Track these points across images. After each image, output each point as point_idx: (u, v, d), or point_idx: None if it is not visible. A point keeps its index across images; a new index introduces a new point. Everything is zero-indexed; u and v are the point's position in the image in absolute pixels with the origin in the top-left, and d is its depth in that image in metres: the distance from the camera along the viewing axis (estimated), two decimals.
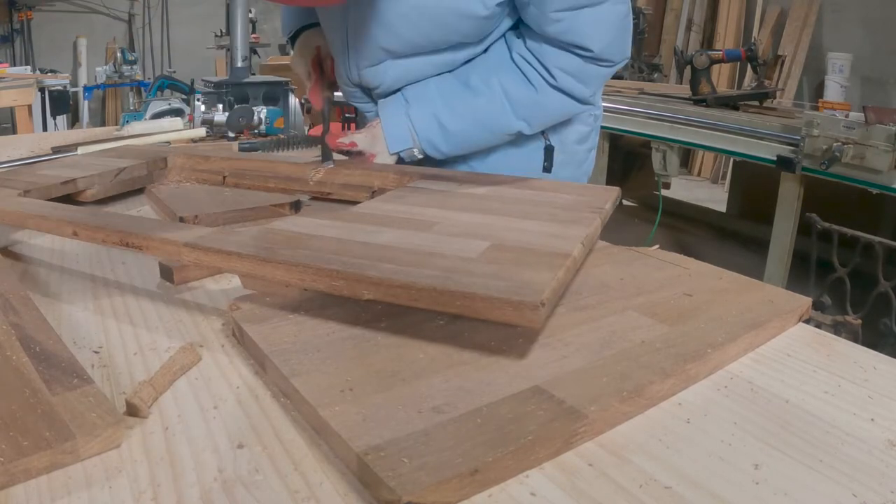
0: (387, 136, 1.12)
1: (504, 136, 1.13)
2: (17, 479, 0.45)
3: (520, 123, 1.10)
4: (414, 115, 1.10)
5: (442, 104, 1.10)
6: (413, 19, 1.03)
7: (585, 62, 1.05)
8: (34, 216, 0.83)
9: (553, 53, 1.05)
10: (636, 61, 4.39)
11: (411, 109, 1.10)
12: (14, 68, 5.12)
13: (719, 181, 5.66)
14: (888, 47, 4.80)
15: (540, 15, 1.02)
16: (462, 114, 1.09)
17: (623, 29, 1.07)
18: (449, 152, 1.13)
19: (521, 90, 1.08)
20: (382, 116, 1.13)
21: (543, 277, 0.60)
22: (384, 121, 1.12)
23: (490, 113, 1.09)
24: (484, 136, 1.13)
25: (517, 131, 1.12)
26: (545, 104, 1.09)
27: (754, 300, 0.73)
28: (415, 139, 1.11)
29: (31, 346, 0.59)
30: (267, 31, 6.72)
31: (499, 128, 1.11)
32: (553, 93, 1.08)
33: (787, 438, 0.52)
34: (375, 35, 1.07)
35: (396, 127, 1.11)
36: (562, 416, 0.51)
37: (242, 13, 2.62)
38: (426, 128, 1.10)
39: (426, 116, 1.10)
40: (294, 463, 0.49)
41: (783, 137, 2.50)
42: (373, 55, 1.10)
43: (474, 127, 1.11)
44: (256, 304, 0.68)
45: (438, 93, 1.10)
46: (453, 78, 1.12)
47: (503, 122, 1.10)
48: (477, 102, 1.08)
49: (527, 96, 1.08)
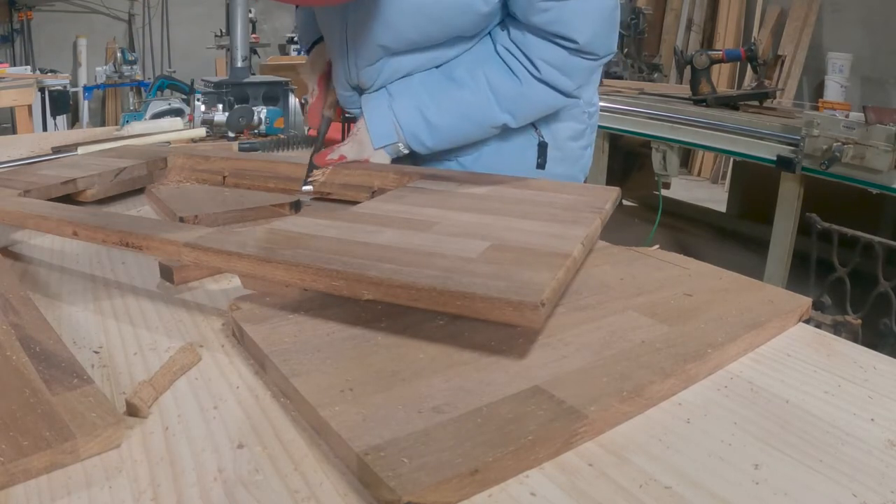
0: (371, 131, 1.11)
1: (489, 128, 1.12)
2: (17, 479, 0.45)
3: (504, 116, 1.10)
4: (398, 108, 1.09)
5: (426, 97, 1.09)
6: (414, 16, 1.03)
7: (570, 54, 1.05)
8: (34, 216, 0.83)
9: (537, 45, 1.05)
10: (636, 61, 4.38)
11: (395, 103, 1.10)
12: (14, 68, 5.11)
13: (719, 181, 5.66)
14: (888, 47, 4.80)
15: (527, 4, 1.02)
16: (447, 107, 1.09)
17: (610, 22, 1.07)
18: (434, 146, 1.12)
19: (506, 82, 1.07)
20: (366, 111, 1.12)
21: (543, 277, 0.60)
22: (367, 115, 1.11)
23: (475, 105, 1.09)
24: (469, 128, 1.12)
25: (502, 124, 1.11)
26: (530, 96, 1.09)
27: (754, 300, 0.73)
28: (399, 133, 1.10)
29: (31, 346, 0.59)
30: (267, 31, 6.73)
31: (484, 120, 1.11)
32: (537, 85, 1.08)
33: (787, 438, 0.52)
34: (375, 33, 1.06)
35: (380, 121, 1.10)
36: (562, 416, 0.51)
37: (242, 13, 2.62)
38: (410, 121, 1.09)
39: (410, 109, 1.09)
40: (294, 463, 0.49)
41: (783, 137, 2.50)
42: (371, 53, 1.10)
43: (459, 120, 1.10)
44: (256, 304, 0.68)
45: (422, 86, 1.10)
46: (438, 72, 1.11)
47: (488, 115, 1.10)
48: (461, 95, 1.08)
49: (511, 88, 1.08)
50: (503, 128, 1.13)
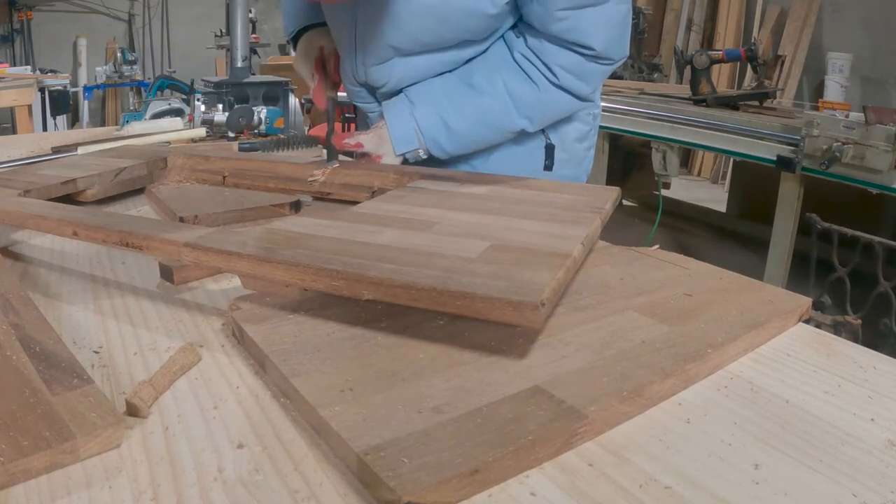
0: (392, 137, 1.12)
1: (507, 133, 1.15)
2: (17, 479, 0.45)
3: (523, 121, 1.12)
4: (419, 115, 1.11)
5: (447, 104, 1.11)
6: (423, 17, 1.04)
7: (586, 60, 1.07)
8: (34, 216, 0.83)
9: (554, 51, 1.06)
10: (636, 61, 4.38)
11: (416, 110, 1.11)
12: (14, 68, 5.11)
13: (719, 181, 5.66)
14: (888, 47, 4.80)
15: (544, 13, 1.03)
16: (467, 113, 1.10)
17: (624, 28, 1.09)
18: (453, 152, 1.14)
19: (524, 89, 1.09)
20: (388, 118, 1.13)
21: (543, 277, 0.60)
22: (389, 122, 1.13)
23: (494, 111, 1.10)
24: (488, 134, 1.14)
25: (520, 129, 1.13)
26: (547, 102, 1.11)
27: (754, 300, 0.73)
28: (420, 140, 1.12)
29: (31, 346, 0.59)
30: (267, 31, 6.72)
31: (503, 126, 1.13)
32: (555, 91, 1.09)
33: (787, 438, 0.52)
34: (384, 32, 1.07)
35: (402, 128, 1.12)
36: (562, 416, 0.51)
37: (242, 13, 2.62)
38: (432, 128, 1.11)
39: (431, 116, 1.11)
40: (294, 463, 0.49)
41: (783, 137, 2.50)
42: (381, 53, 1.10)
43: (479, 126, 1.12)
44: (256, 304, 0.68)
45: (443, 93, 1.11)
46: (456, 78, 1.12)
47: (507, 121, 1.12)
48: (481, 101, 1.10)
49: (530, 94, 1.09)
50: (520, 133, 1.15)
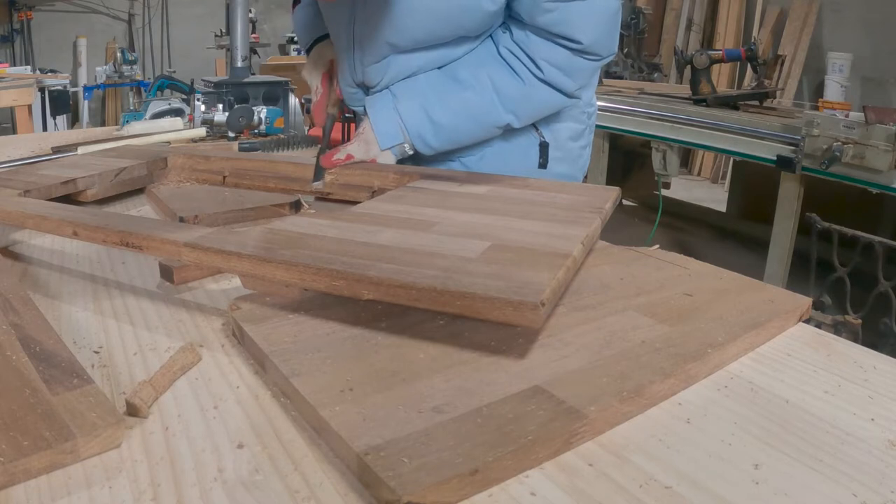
0: (376, 131, 1.11)
1: (493, 129, 1.13)
2: (17, 479, 0.45)
3: (508, 116, 1.11)
4: (403, 109, 1.10)
5: (431, 97, 1.10)
6: (422, 14, 1.04)
7: (573, 55, 1.06)
8: (34, 216, 0.83)
9: (540, 45, 1.06)
10: (636, 61, 4.38)
11: (400, 104, 1.10)
12: (14, 68, 5.11)
13: (719, 181, 5.66)
14: (888, 47, 4.80)
15: (532, 4, 1.03)
16: (451, 107, 1.10)
17: (612, 24, 1.08)
18: (438, 147, 1.13)
19: (510, 83, 1.08)
20: (371, 112, 1.12)
21: (543, 277, 0.60)
22: (373, 117, 1.12)
23: (479, 106, 1.10)
24: (473, 129, 1.13)
25: (506, 124, 1.12)
26: (533, 97, 1.10)
27: (754, 300, 0.73)
28: (405, 134, 1.11)
29: (31, 346, 0.59)
30: (267, 31, 6.73)
31: (488, 121, 1.11)
32: (540, 86, 1.09)
33: (787, 438, 0.52)
34: (382, 30, 1.07)
35: (386, 122, 1.11)
36: (562, 416, 0.51)
37: (242, 13, 2.62)
38: (416, 122, 1.10)
39: (415, 110, 1.10)
40: (294, 463, 0.49)
41: (783, 137, 2.50)
42: (378, 51, 1.10)
43: (464, 120, 1.11)
44: (256, 304, 0.68)
45: (428, 86, 1.11)
46: (441, 72, 1.12)
47: (492, 116, 1.11)
48: (466, 96, 1.09)
49: (515, 89, 1.09)
50: (506, 128, 1.14)
